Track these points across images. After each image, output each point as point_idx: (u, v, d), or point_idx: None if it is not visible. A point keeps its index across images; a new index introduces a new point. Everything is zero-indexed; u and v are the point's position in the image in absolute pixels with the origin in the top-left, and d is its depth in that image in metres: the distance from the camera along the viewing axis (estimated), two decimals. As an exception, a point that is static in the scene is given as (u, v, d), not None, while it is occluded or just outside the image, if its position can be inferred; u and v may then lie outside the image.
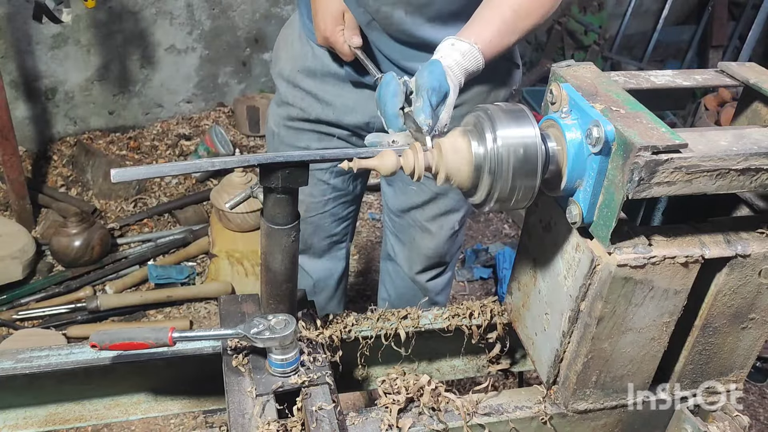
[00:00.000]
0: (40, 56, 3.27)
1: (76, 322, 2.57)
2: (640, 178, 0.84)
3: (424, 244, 1.79)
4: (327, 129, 1.64)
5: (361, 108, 1.57)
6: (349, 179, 1.76)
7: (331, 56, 1.52)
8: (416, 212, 1.74)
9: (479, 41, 1.21)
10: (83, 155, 3.34)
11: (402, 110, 1.11)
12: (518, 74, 1.62)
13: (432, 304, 1.82)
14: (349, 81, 1.55)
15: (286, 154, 0.95)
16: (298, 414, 1.02)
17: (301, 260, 1.83)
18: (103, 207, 3.18)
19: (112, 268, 2.81)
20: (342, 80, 1.56)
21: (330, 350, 1.18)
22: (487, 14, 1.26)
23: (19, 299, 2.64)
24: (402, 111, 1.11)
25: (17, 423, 1.13)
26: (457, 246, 1.87)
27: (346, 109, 1.58)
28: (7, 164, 2.79)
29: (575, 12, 5.01)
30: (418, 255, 1.82)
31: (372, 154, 0.97)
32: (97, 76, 3.47)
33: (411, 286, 1.90)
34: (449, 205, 1.71)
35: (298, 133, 1.66)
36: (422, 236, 1.77)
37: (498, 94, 1.58)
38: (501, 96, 1.59)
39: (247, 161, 0.96)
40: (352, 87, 1.56)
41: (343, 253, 1.95)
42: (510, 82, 1.59)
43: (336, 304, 2.06)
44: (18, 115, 3.27)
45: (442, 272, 1.90)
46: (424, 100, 1.07)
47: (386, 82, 1.13)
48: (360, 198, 1.87)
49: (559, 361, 1.05)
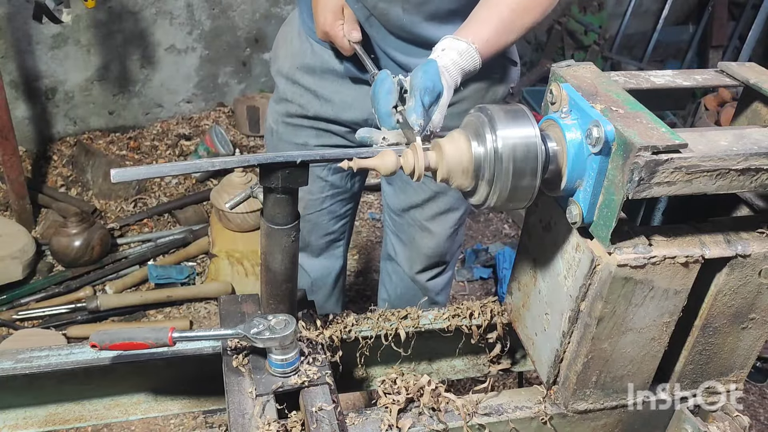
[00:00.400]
0: (40, 56, 3.27)
1: (76, 322, 2.57)
2: (640, 178, 0.84)
3: (424, 243, 1.79)
4: (325, 126, 1.64)
5: (359, 104, 1.57)
6: (347, 176, 1.76)
7: (333, 52, 1.52)
8: (416, 211, 1.74)
9: (476, 40, 1.21)
10: (83, 155, 3.34)
11: (396, 108, 1.11)
12: (516, 72, 1.62)
13: (432, 304, 1.82)
14: (348, 77, 1.55)
15: (286, 154, 0.95)
16: (297, 414, 1.02)
17: (300, 258, 1.83)
18: (103, 207, 3.18)
19: (112, 268, 2.81)
20: (341, 77, 1.56)
21: (330, 350, 1.18)
22: (484, 13, 1.26)
23: (19, 299, 2.63)
24: (395, 109, 1.11)
25: (17, 423, 1.13)
26: (457, 245, 1.87)
27: (345, 106, 1.59)
28: (7, 164, 2.79)
29: (575, 12, 5.01)
30: (418, 254, 1.82)
31: (372, 154, 0.97)
32: (97, 76, 3.47)
33: (411, 286, 1.90)
34: (449, 204, 1.71)
35: (297, 129, 1.66)
36: (422, 235, 1.77)
37: (496, 91, 1.58)
38: (499, 93, 1.59)
39: (247, 161, 0.96)
40: (351, 83, 1.56)
41: (340, 252, 1.95)
42: (508, 79, 1.59)
43: (334, 303, 2.06)
44: (18, 115, 3.27)
45: (442, 272, 1.90)
46: (416, 100, 1.07)
47: (380, 79, 1.14)
48: (358, 195, 1.87)
49: (559, 361, 1.05)
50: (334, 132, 1.64)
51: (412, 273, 1.87)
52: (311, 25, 1.50)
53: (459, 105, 1.49)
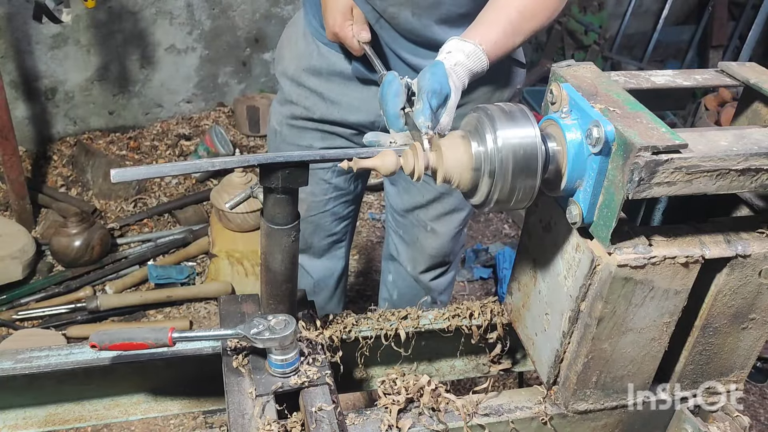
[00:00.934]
0: (40, 56, 3.27)
1: (76, 322, 2.57)
2: (640, 179, 0.84)
3: (428, 243, 1.79)
4: (331, 128, 1.63)
5: (366, 107, 1.57)
6: (350, 179, 1.75)
7: (343, 53, 1.52)
8: (420, 212, 1.74)
9: (484, 42, 1.21)
10: (83, 155, 3.34)
11: (403, 110, 1.11)
12: (522, 74, 1.62)
13: (433, 303, 1.81)
14: (356, 78, 1.54)
15: (285, 154, 0.95)
16: (297, 414, 1.02)
17: (302, 259, 1.83)
18: (103, 207, 3.18)
19: (112, 268, 2.81)
20: (348, 79, 1.55)
21: (330, 350, 1.17)
22: (492, 15, 1.26)
23: (19, 299, 2.63)
24: (403, 111, 1.11)
25: (17, 423, 1.13)
26: (460, 245, 1.87)
27: (352, 108, 1.58)
28: (7, 164, 2.79)
29: (575, 12, 5.01)
30: (422, 254, 1.82)
31: (372, 154, 0.97)
32: (97, 76, 3.47)
33: (414, 285, 1.90)
34: (454, 204, 1.71)
35: (302, 131, 1.65)
36: (426, 236, 1.77)
37: (502, 94, 1.58)
38: (505, 96, 1.59)
39: (247, 161, 0.96)
40: (359, 85, 1.55)
41: (342, 252, 1.95)
42: (514, 81, 1.59)
43: (336, 304, 2.06)
44: (18, 115, 3.27)
45: (446, 271, 1.90)
46: (424, 103, 1.07)
47: (388, 81, 1.13)
48: (360, 197, 1.87)
49: (560, 362, 1.05)
50: (340, 134, 1.64)
51: (415, 273, 1.87)
52: (318, 27, 1.50)
53: (466, 107, 1.48)
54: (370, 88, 1.54)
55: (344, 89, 1.57)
